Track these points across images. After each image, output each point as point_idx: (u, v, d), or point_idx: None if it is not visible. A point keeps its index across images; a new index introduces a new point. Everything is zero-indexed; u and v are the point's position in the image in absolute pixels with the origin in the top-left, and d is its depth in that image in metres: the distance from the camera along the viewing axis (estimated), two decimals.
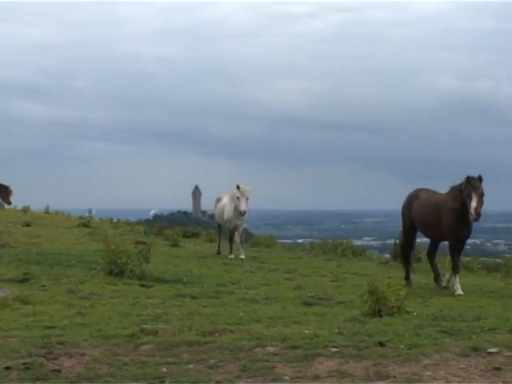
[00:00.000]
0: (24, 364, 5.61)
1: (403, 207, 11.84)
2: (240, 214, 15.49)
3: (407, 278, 11.56)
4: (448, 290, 11.04)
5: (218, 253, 16.31)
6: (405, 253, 12.01)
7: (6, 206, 19.16)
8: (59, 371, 5.55)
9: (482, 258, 18.56)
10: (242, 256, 15.37)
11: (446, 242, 11.60)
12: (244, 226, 16.01)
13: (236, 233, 15.98)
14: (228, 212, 15.95)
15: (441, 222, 10.92)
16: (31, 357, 5.86)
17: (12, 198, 18.13)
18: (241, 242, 15.94)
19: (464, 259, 17.77)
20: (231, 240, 16.05)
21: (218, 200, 16.83)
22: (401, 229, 12.31)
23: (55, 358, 5.91)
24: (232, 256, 15.43)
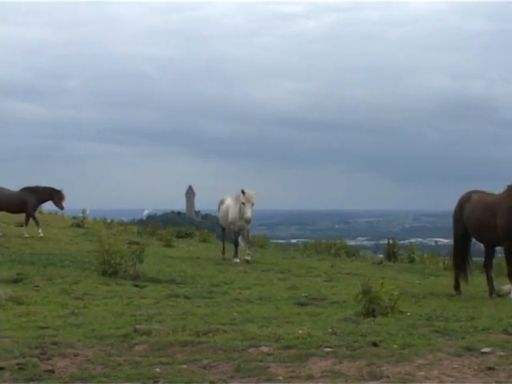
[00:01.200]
0: (17, 364, 5.59)
1: (454, 212, 11.11)
2: (245, 221, 14.93)
3: (457, 287, 10.91)
4: (443, 290, 11.07)
5: (223, 258, 15.57)
6: (457, 260, 11.18)
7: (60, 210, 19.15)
8: (53, 371, 5.53)
9: (475, 258, 18.61)
10: (248, 258, 14.90)
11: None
12: (249, 227, 15.41)
13: (241, 235, 15.44)
14: (232, 214, 15.39)
15: (496, 224, 10.22)
16: (24, 357, 5.85)
17: (64, 203, 18.14)
18: (247, 243, 15.39)
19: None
20: (236, 243, 15.48)
21: (222, 202, 16.30)
22: (452, 235, 11.40)
23: (49, 359, 5.89)
24: (237, 260, 14.92)
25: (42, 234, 17.60)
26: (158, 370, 5.60)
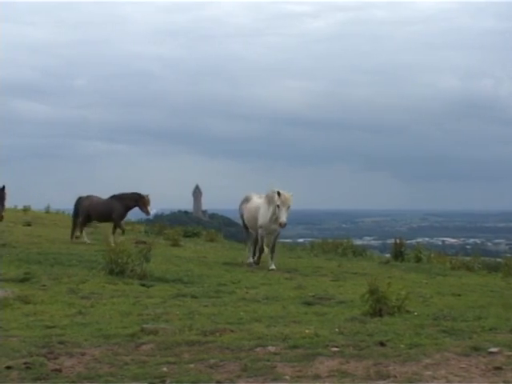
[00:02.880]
0: (25, 363, 5.61)
1: None
2: (280, 225, 13.74)
3: None
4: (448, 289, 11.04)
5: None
6: None
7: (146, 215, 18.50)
8: (60, 371, 5.54)
9: (483, 258, 18.58)
10: (273, 267, 13.57)
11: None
12: (279, 230, 14.20)
13: (268, 240, 14.18)
14: (264, 215, 14.08)
15: None
16: (32, 356, 5.86)
17: (149, 208, 17.65)
18: (273, 250, 14.12)
19: (465, 259, 17.82)
20: (261, 248, 14.30)
21: (246, 200, 15.07)
22: None
23: (56, 358, 5.90)
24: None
25: (122, 239, 16.92)
26: (164, 369, 5.60)
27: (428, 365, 5.70)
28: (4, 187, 14.77)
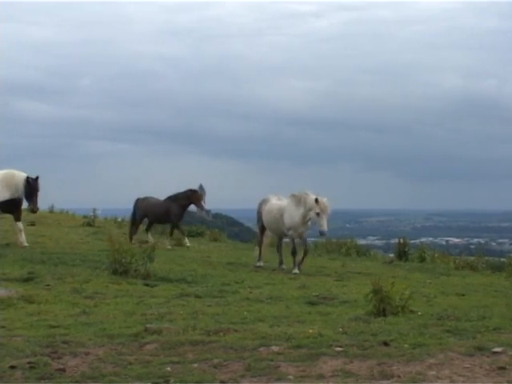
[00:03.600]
0: (28, 363, 5.62)
1: None
2: (321, 234, 13.28)
3: None
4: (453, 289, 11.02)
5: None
6: None
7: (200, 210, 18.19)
8: (64, 370, 5.55)
9: (487, 258, 18.54)
10: (297, 271, 12.89)
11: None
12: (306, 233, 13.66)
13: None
14: (293, 217, 13.31)
15: None
16: (36, 356, 5.87)
17: (203, 202, 17.45)
18: (305, 253, 13.44)
19: (468, 258, 17.79)
20: (294, 251, 13.52)
21: (264, 202, 14.30)
22: None
23: (60, 358, 5.91)
24: (284, 267, 13.39)
25: (188, 244, 17.33)
26: (168, 369, 5.61)
27: (432, 365, 5.70)
28: (38, 178, 14.41)
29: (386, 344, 6.37)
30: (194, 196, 17.22)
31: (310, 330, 6.89)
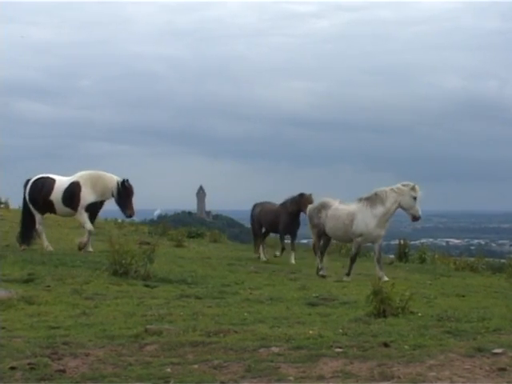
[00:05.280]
0: (29, 364, 5.62)
1: None
2: (416, 219, 12.35)
3: None
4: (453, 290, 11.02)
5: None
6: None
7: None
8: (64, 371, 5.55)
9: (487, 259, 18.56)
10: (386, 278, 11.40)
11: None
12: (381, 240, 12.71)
13: (375, 248, 12.55)
14: (365, 222, 12.33)
15: None
16: (36, 357, 5.87)
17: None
18: (378, 261, 12.40)
19: (469, 259, 17.79)
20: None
21: (325, 207, 12.97)
22: None
23: (60, 359, 5.91)
24: (348, 279, 12.12)
25: (293, 261, 15.39)
26: (168, 370, 5.61)
27: (432, 366, 5.70)
28: (127, 180, 13.75)
29: (386, 345, 6.37)
30: (301, 201, 15.04)
31: (310, 331, 6.89)
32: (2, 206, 26.52)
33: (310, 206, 13.80)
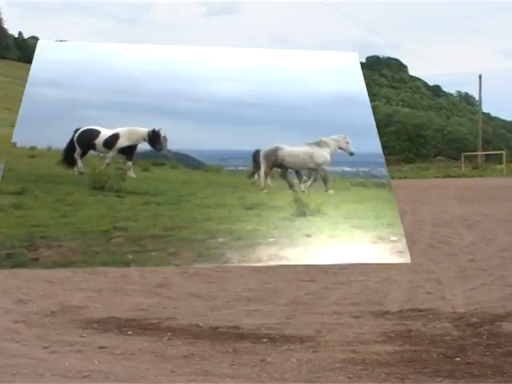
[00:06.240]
0: (6, 254, 4.69)
1: None
2: (351, 154, 10.84)
3: None
4: None
5: None
6: None
7: None
8: (37, 259, 4.69)
9: (372, 180, 18.35)
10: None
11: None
12: None
13: None
14: (324, 153, 10.92)
15: None
16: (14, 248, 4.93)
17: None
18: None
19: (360, 180, 17.56)
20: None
21: (280, 148, 11.20)
22: None
23: (35, 250, 5.01)
24: None
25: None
26: (130, 256, 4.82)
27: None
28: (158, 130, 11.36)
29: (308, 236, 5.77)
30: None
31: (248, 227, 6.20)
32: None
33: (263, 150, 12.34)
